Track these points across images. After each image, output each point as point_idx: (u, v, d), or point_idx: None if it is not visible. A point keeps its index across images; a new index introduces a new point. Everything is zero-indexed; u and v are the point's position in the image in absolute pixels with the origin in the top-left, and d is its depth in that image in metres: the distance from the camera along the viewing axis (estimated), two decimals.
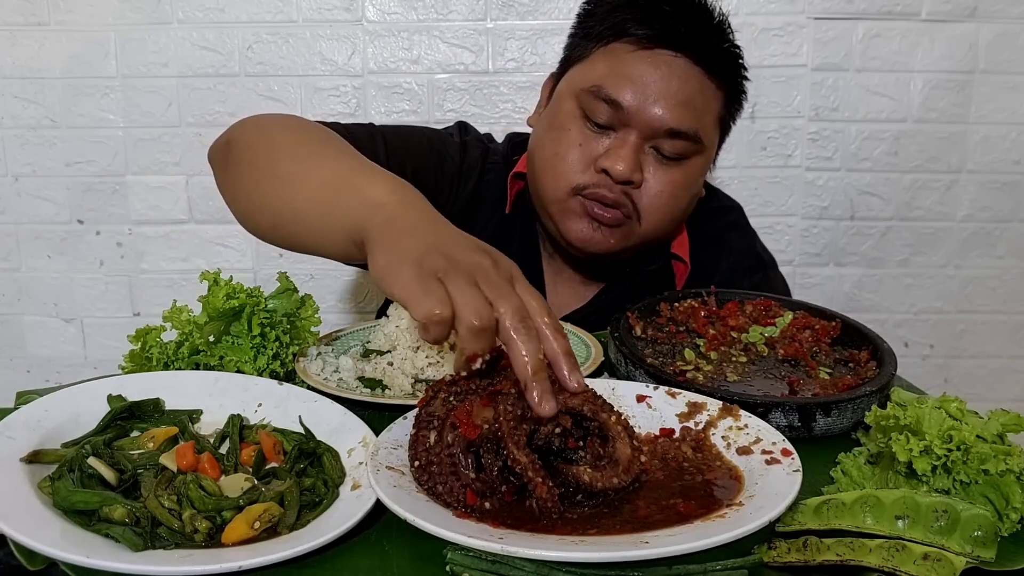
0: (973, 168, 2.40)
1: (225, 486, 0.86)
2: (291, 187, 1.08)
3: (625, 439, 0.88)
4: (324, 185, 1.05)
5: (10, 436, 0.91)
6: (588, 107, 1.37)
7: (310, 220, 1.06)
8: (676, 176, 1.39)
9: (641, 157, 1.37)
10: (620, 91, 1.34)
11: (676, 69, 1.35)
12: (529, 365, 0.80)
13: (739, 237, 1.65)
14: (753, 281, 1.55)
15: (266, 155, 1.15)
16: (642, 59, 1.36)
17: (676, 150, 1.37)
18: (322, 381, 1.13)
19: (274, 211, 1.11)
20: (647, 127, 1.35)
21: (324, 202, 1.04)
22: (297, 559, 0.77)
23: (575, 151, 1.38)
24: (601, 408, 0.89)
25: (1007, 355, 2.55)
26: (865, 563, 0.77)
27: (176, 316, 1.15)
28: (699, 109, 1.37)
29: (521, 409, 0.83)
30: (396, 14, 2.29)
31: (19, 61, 2.28)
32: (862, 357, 1.21)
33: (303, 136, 1.18)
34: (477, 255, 0.86)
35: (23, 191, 2.37)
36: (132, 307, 2.46)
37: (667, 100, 1.34)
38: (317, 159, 1.10)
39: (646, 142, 1.37)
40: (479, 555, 0.76)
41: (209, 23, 2.27)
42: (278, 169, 1.11)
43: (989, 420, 0.90)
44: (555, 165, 1.40)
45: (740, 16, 2.28)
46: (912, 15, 2.29)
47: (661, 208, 1.40)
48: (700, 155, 1.41)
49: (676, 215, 1.45)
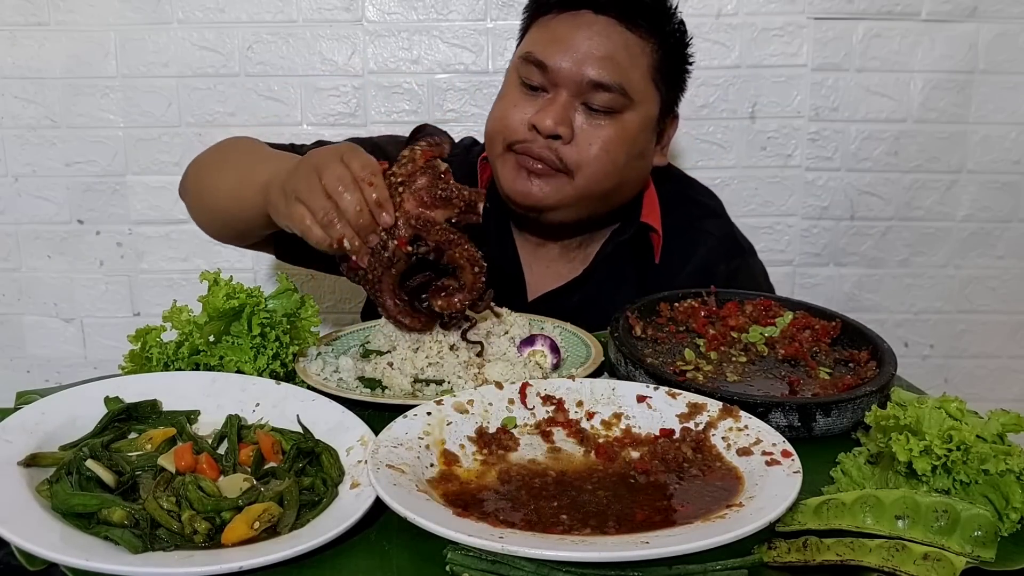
0: (973, 168, 2.40)
1: (224, 486, 0.86)
2: (222, 190, 1.46)
3: (467, 267, 1.18)
4: (239, 179, 1.41)
5: (7, 439, 0.91)
6: (523, 73, 1.49)
7: (234, 209, 1.42)
8: (609, 131, 1.46)
9: (571, 114, 1.45)
10: (546, 53, 1.45)
11: (598, 27, 1.45)
12: (352, 210, 1.12)
13: (717, 224, 1.70)
14: (731, 267, 1.61)
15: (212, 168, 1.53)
16: (565, 22, 1.47)
17: (604, 103, 1.45)
18: (322, 381, 1.13)
19: (220, 204, 1.47)
20: (573, 84, 1.44)
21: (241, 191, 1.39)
22: (297, 559, 0.77)
23: (511, 111, 1.49)
24: (453, 243, 1.18)
25: (1007, 355, 2.54)
26: (865, 563, 0.77)
27: (176, 316, 1.15)
28: (624, 64, 1.45)
29: (384, 263, 1.16)
30: (396, 14, 2.28)
31: (19, 61, 2.28)
32: (862, 357, 1.21)
33: (220, 156, 1.55)
34: (326, 166, 1.16)
35: (23, 191, 2.37)
36: (132, 307, 2.46)
37: (589, 56, 1.43)
38: (231, 167, 1.48)
39: (576, 99, 1.45)
40: (479, 555, 0.76)
41: (209, 23, 2.27)
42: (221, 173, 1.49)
43: (989, 420, 0.90)
44: (496, 127, 1.52)
45: (740, 16, 2.28)
46: (912, 15, 2.29)
47: (593, 161, 1.45)
48: (632, 110, 1.47)
49: (611, 170, 1.48)
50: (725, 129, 2.36)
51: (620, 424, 1.04)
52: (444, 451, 0.97)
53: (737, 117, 2.35)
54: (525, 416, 1.05)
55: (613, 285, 1.58)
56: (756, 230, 2.40)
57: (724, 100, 2.33)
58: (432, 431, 0.98)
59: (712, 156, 2.37)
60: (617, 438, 1.02)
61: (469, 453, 0.98)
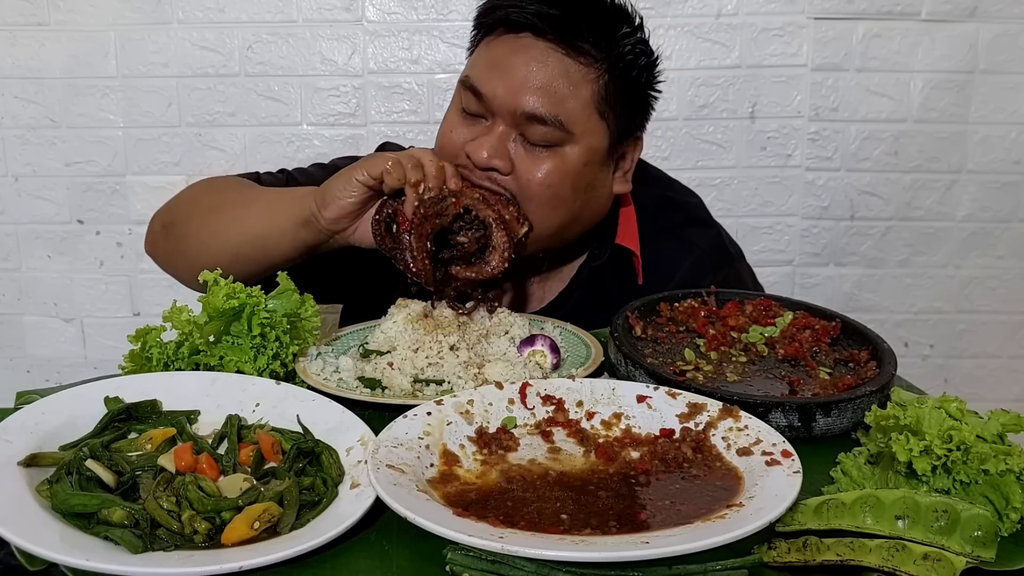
0: (973, 168, 2.40)
1: (224, 486, 0.86)
2: (243, 217, 1.39)
3: (503, 235, 1.28)
4: (264, 207, 1.38)
5: (7, 440, 0.91)
6: (463, 98, 1.40)
7: (262, 231, 1.36)
8: (547, 165, 1.35)
9: (508, 145, 1.35)
10: (482, 81, 1.36)
11: (536, 52, 1.33)
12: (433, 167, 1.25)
13: (701, 233, 1.59)
14: (719, 277, 1.48)
15: (209, 212, 1.44)
16: (505, 44, 1.37)
17: (542, 137, 1.34)
18: (322, 381, 1.13)
19: (232, 243, 1.38)
20: (508, 114, 1.34)
21: (269, 215, 1.36)
22: (297, 559, 0.77)
23: (449, 138, 1.41)
24: (489, 205, 1.29)
25: (1007, 355, 2.54)
26: (865, 563, 0.77)
27: (176, 316, 1.15)
28: (561, 93, 1.33)
29: (428, 213, 1.24)
30: (396, 14, 2.28)
31: (19, 61, 2.28)
32: (862, 357, 1.21)
33: (228, 190, 1.49)
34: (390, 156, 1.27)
35: (23, 191, 2.37)
36: (132, 307, 2.46)
37: (525, 85, 1.33)
38: (250, 197, 1.43)
39: (513, 129, 1.35)
40: (479, 555, 0.76)
41: (209, 23, 2.27)
42: (223, 216, 1.41)
43: (989, 420, 0.90)
44: (439, 152, 1.41)
45: (740, 16, 2.28)
46: (912, 15, 2.29)
47: (534, 197, 1.35)
48: (572, 143, 1.35)
49: (556, 204, 1.37)
50: (725, 129, 2.36)
51: (620, 424, 1.04)
52: (444, 451, 0.97)
53: (737, 117, 2.35)
54: (525, 416, 1.05)
55: (595, 307, 1.48)
56: (756, 230, 2.41)
57: (724, 100, 2.33)
58: (432, 431, 0.98)
59: (712, 156, 2.37)
60: (617, 438, 1.02)
61: (469, 453, 0.98)
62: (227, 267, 1.33)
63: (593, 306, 1.48)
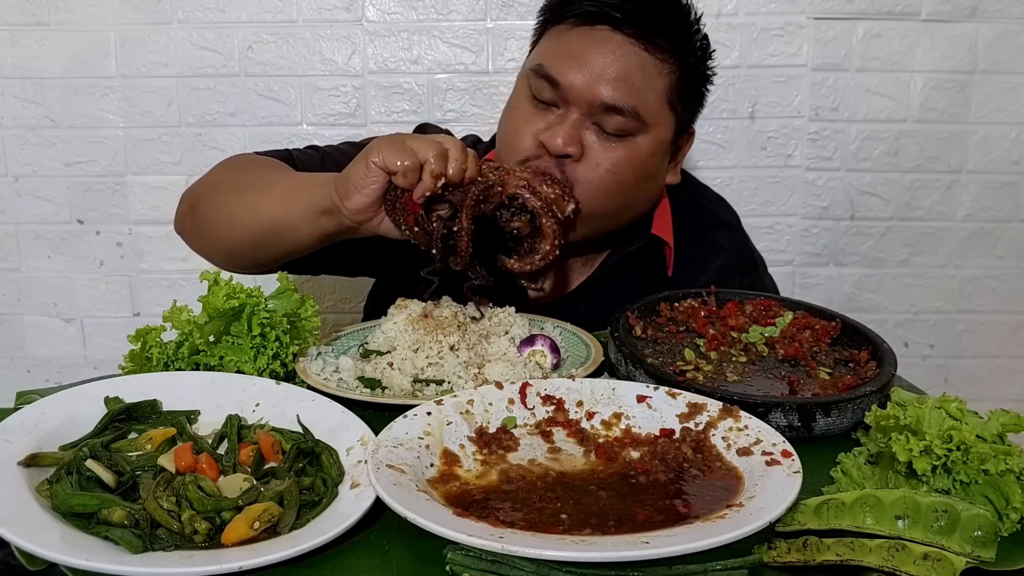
0: (973, 168, 2.40)
1: (224, 486, 0.86)
2: (258, 204, 1.36)
3: (552, 223, 1.28)
4: (281, 193, 1.34)
5: (7, 439, 0.91)
6: (534, 85, 1.42)
7: (279, 219, 1.32)
8: (618, 153, 1.39)
9: (582, 133, 1.39)
10: (558, 69, 1.38)
11: (614, 45, 1.37)
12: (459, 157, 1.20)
13: (730, 236, 1.65)
14: (744, 282, 1.54)
15: (228, 196, 1.42)
16: (581, 36, 1.40)
17: (617, 127, 1.38)
18: (322, 381, 1.13)
19: (248, 229, 1.37)
20: (584, 103, 1.37)
21: (286, 202, 1.32)
22: (297, 559, 0.77)
23: (522, 127, 1.43)
24: (533, 191, 1.27)
25: (1007, 355, 2.54)
26: (865, 563, 0.77)
27: (176, 316, 1.15)
28: (638, 86, 1.38)
29: (480, 197, 1.22)
30: (396, 14, 2.28)
31: (19, 61, 2.28)
32: (862, 357, 1.21)
33: (252, 170, 1.47)
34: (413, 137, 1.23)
35: (23, 191, 2.37)
36: (132, 307, 2.46)
37: (603, 76, 1.36)
38: (270, 181, 1.40)
39: (587, 118, 1.39)
40: (479, 555, 0.76)
41: (209, 23, 2.27)
42: (242, 200, 1.39)
43: (989, 420, 0.90)
44: (507, 141, 1.46)
45: (740, 16, 2.28)
46: (912, 15, 2.29)
47: (597, 181, 1.39)
48: (645, 133, 1.40)
49: (615, 192, 1.42)
50: (725, 129, 2.36)
51: (620, 424, 1.04)
52: (444, 451, 0.97)
53: (737, 117, 2.35)
54: (525, 416, 1.05)
55: (620, 296, 1.50)
56: (756, 230, 2.40)
57: (724, 100, 2.33)
58: (432, 431, 0.98)
59: (712, 156, 2.37)
60: (617, 438, 1.02)
61: (469, 453, 0.98)
62: (249, 251, 1.41)
63: (618, 297, 1.50)
